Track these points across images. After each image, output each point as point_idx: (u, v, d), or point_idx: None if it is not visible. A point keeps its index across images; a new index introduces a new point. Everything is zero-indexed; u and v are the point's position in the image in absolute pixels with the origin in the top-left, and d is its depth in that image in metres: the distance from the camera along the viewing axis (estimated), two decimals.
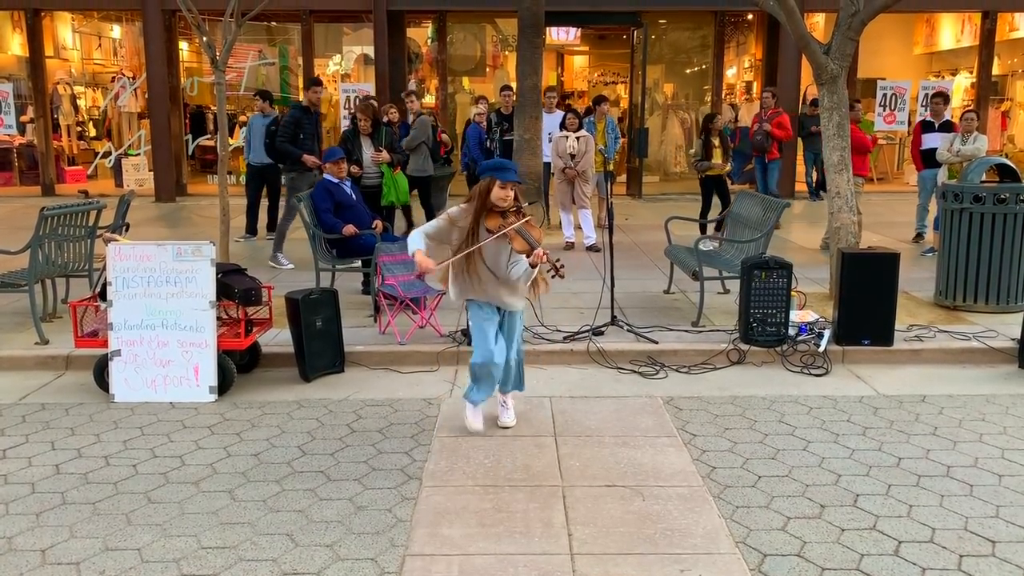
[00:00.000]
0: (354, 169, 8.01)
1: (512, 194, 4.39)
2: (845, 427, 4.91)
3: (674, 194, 15.73)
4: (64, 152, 17.06)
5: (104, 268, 5.55)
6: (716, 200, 10.64)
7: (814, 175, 14.72)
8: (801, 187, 15.37)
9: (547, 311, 7.01)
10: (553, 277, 4.40)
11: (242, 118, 15.65)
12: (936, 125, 10.08)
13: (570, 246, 10.13)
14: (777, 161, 12.37)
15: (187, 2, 7.46)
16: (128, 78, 17.12)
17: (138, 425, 4.98)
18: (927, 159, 9.91)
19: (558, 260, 4.32)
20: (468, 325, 4.74)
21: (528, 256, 4.29)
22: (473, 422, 4.75)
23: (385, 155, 8.37)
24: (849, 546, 3.59)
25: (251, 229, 11.01)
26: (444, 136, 11.64)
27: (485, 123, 11.47)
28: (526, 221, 4.40)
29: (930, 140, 9.90)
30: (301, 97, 15.93)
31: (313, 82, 9.61)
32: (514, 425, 4.86)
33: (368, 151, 8.39)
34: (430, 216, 10.19)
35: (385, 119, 12.48)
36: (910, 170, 16.67)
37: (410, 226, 9.45)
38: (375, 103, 9.36)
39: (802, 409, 5.20)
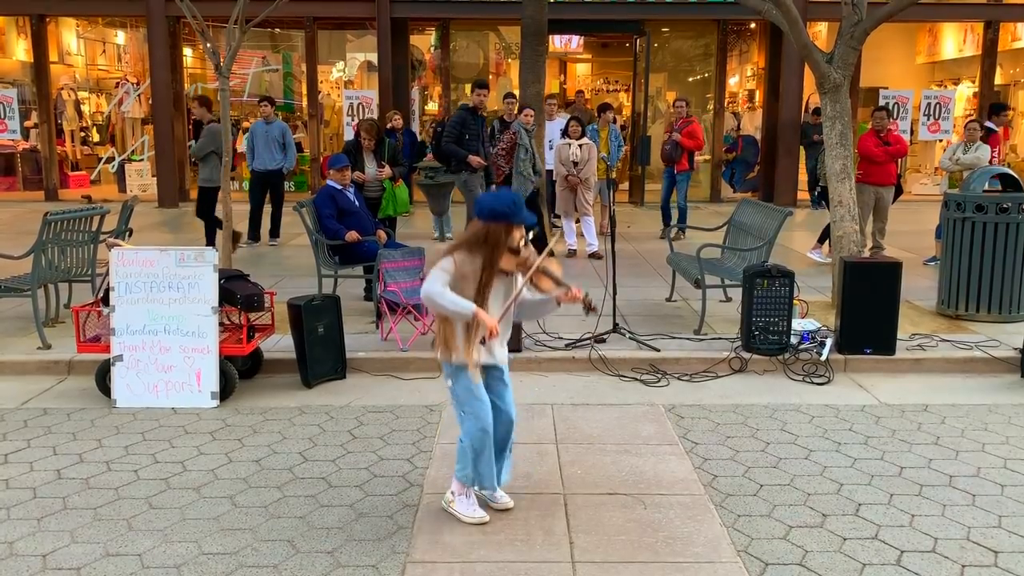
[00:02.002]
0: (357, 175, 8.01)
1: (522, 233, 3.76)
2: (847, 436, 4.90)
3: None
4: (67, 157, 17.10)
5: (107, 273, 5.56)
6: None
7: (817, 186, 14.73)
8: (803, 196, 15.39)
9: (549, 318, 7.00)
10: (587, 314, 3.82)
11: (245, 124, 15.68)
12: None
13: (572, 253, 10.14)
14: (687, 173, 11.63)
15: (191, 8, 7.48)
16: (132, 84, 17.17)
17: (140, 430, 4.98)
18: None
19: (587, 295, 3.81)
20: (454, 397, 3.87)
21: (556, 292, 3.78)
22: (472, 510, 3.88)
23: (387, 171, 8.31)
24: (851, 555, 3.58)
25: (254, 235, 11.03)
26: None
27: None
28: (545, 254, 3.81)
29: None
30: (304, 103, 16.08)
31: (479, 84, 9.45)
32: (512, 507, 4.01)
33: (370, 166, 8.33)
34: (211, 225, 9.85)
35: (388, 125, 12.53)
36: (913, 179, 16.71)
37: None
38: (376, 120, 9.31)
39: (804, 418, 5.20)
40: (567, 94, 18.83)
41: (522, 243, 3.76)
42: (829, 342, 6.11)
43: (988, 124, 10.15)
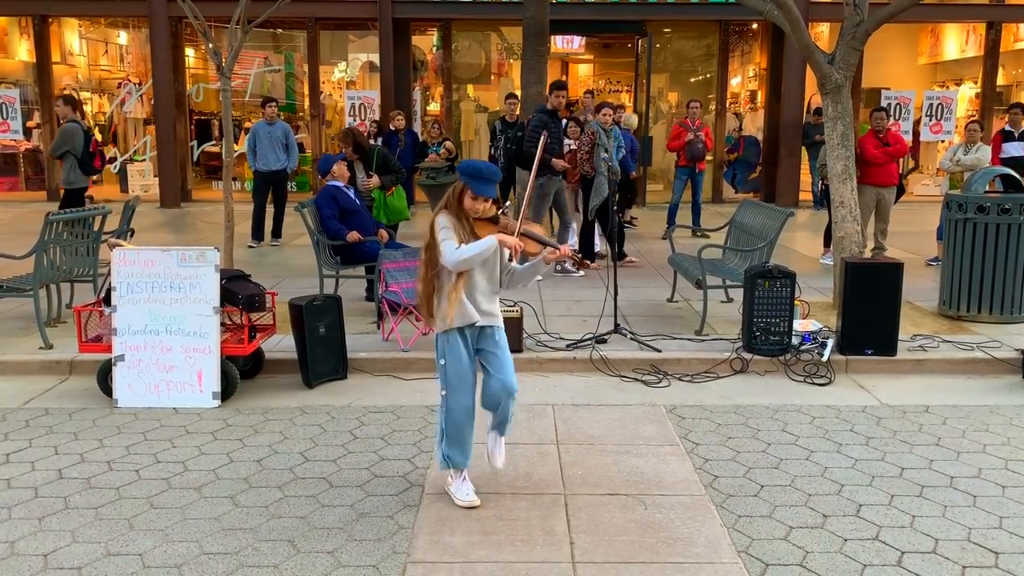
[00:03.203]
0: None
1: (487, 206, 3.86)
2: (848, 437, 4.90)
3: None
4: None
5: (108, 273, 5.57)
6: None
7: (820, 184, 14.73)
8: (805, 196, 15.41)
9: (550, 319, 7.01)
10: (578, 270, 3.99)
11: (246, 124, 15.70)
12: (1016, 134, 9.97)
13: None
14: (703, 172, 12.14)
15: (194, 9, 7.49)
16: (134, 84, 17.19)
17: (141, 430, 4.98)
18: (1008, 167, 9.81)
19: (577, 252, 3.82)
20: (439, 375, 4.04)
21: (544, 254, 3.84)
22: (464, 494, 4.01)
23: (375, 180, 7.95)
24: (852, 556, 3.58)
25: (258, 235, 11.05)
26: (449, 144, 11.66)
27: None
28: (524, 220, 3.91)
29: (1010, 149, 9.81)
30: (306, 104, 16.10)
31: (558, 86, 9.29)
32: (501, 468, 4.22)
33: (359, 175, 8.02)
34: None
35: (391, 125, 12.53)
36: (915, 179, 16.69)
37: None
38: (355, 130, 8.91)
39: (805, 418, 5.20)
40: (569, 94, 18.83)
41: (501, 213, 3.91)
42: (830, 343, 6.11)
43: (1007, 128, 10.09)
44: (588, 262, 3.84)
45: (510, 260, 4.00)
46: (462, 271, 3.82)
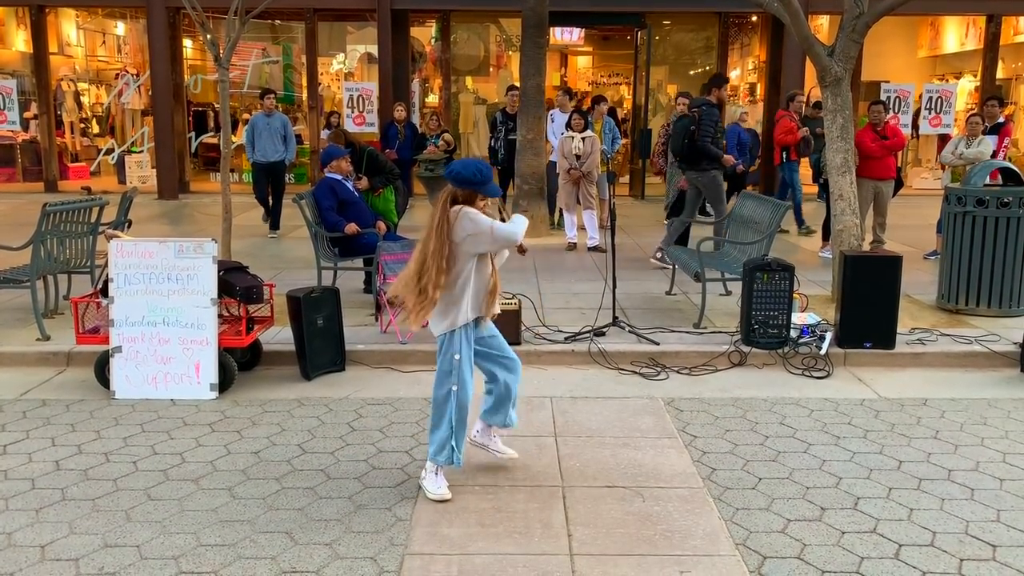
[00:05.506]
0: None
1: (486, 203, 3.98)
2: (846, 430, 4.90)
3: None
4: (67, 149, 17.10)
5: (106, 265, 5.55)
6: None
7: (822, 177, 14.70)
8: (808, 189, 15.39)
9: (548, 312, 7.01)
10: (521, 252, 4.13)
11: (245, 116, 15.67)
12: (989, 128, 9.90)
13: (572, 246, 10.13)
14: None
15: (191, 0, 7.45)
16: (132, 75, 17.15)
17: (138, 422, 4.98)
18: None
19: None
20: (456, 360, 4.03)
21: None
22: (436, 487, 4.02)
23: (364, 183, 7.78)
24: (849, 549, 3.58)
25: (267, 218, 11.12)
26: (447, 136, 11.64)
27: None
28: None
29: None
30: (304, 96, 16.05)
31: (723, 80, 9.17)
32: (517, 456, 4.38)
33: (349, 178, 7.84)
34: None
35: (394, 116, 12.50)
36: (914, 173, 16.68)
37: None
38: (345, 130, 8.64)
39: (803, 411, 5.20)
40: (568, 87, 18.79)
41: (496, 212, 4.01)
42: (829, 336, 6.11)
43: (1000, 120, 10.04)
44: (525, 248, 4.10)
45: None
46: (479, 262, 3.96)
